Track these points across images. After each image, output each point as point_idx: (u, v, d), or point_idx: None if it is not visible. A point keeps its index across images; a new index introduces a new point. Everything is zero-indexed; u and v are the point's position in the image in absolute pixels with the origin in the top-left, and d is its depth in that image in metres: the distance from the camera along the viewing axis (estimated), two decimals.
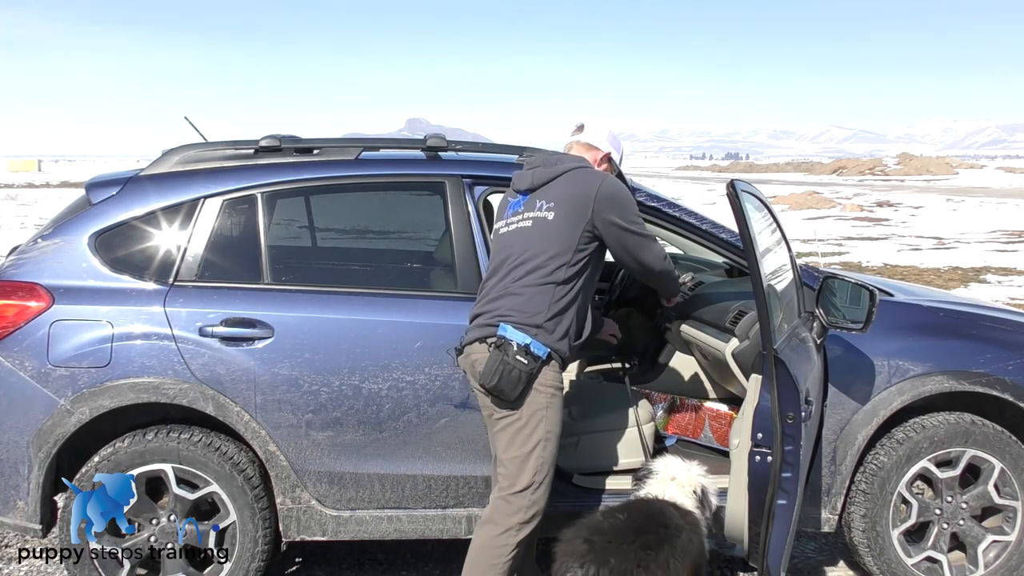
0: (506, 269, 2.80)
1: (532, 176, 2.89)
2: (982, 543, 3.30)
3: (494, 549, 2.73)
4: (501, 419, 2.76)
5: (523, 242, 2.80)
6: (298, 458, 3.09)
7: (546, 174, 2.87)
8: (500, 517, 2.74)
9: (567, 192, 2.81)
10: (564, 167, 2.87)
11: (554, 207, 2.79)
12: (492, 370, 2.67)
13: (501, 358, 2.67)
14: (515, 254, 2.80)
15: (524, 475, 2.72)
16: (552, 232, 2.77)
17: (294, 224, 3.63)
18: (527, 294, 2.74)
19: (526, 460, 2.73)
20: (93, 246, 3.11)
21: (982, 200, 30.02)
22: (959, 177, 53.08)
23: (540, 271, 2.75)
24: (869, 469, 3.26)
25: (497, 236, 2.95)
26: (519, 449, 2.73)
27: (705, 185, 45.31)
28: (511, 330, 2.70)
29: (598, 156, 3.00)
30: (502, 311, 2.75)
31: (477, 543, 2.79)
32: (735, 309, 3.50)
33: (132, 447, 3.04)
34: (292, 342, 3.04)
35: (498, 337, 2.71)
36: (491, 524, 2.75)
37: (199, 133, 3.65)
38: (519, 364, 2.66)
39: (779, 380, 2.59)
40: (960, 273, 12.25)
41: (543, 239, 2.77)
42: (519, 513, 2.73)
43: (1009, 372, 3.23)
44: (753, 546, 2.74)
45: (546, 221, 2.79)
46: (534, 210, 2.83)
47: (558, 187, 2.83)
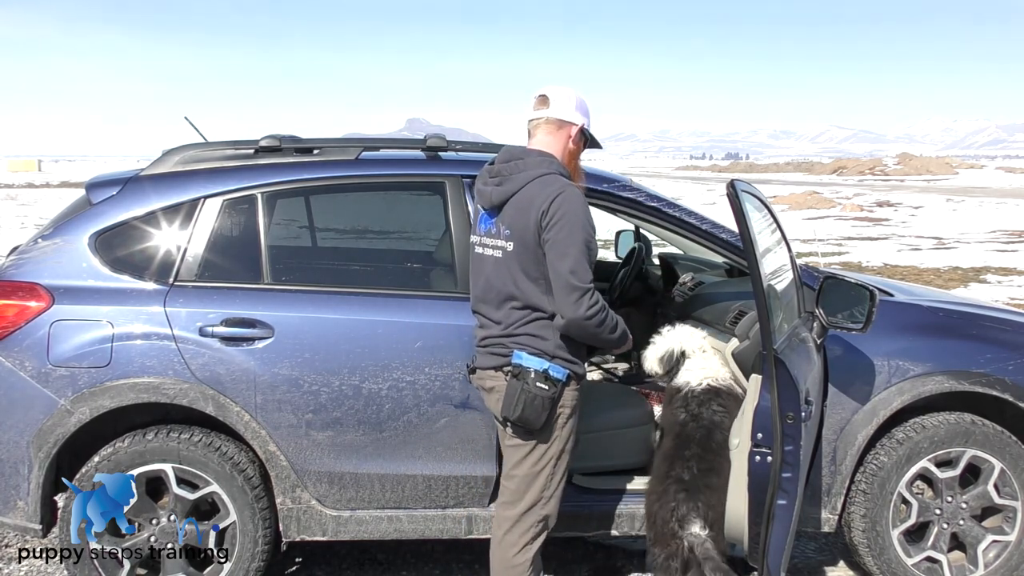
0: (497, 303, 2.69)
1: (491, 195, 2.67)
2: (982, 543, 3.30)
3: (517, 567, 2.71)
4: (514, 436, 2.70)
5: (500, 277, 2.66)
6: (298, 458, 3.09)
7: (503, 193, 2.63)
8: (512, 537, 2.72)
9: (519, 216, 2.59)
10: (519, 182, 2.61)
11: (510, 235, 2.62)
12: (514, 401, 2.57)
13: (521, 387, 2.57)
14: (497, 289, 2.67)
15: (531, 493, 2.69)
16: (517, 265, 2.61)
17: (294, 224, 3.63)
18: (530, 330, 2.64)
19: (535, 479, 2.69)
20: (93, 246, 3.11)
21: (982, 200, 30.03)
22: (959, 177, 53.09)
23: (528, 308, 2.63)
24: (869, 469, 3.26)
25: (474, 254, 2.79)
26: (530, 468, 2.69)
27: (705, 185, 45.32)
28: (526, 357, 2.61)
29: (572, 131, 2.71)
30: (509, 344, 2.66)
31: (499, 564, 2.75)
32: (735, 309, 3.50)
33: (132, 447, 3.04)
34: (292, 342, 3.04)
35: (514, 366, 2.61)
36: (505, 546, 2.72)
37: (199, 133, 3.65)
38: (540, 391, 2.57)
39: (779, 380, 2.58)
40: (960, 273, 12.26)
41: (513, 275, 2.62)
42: (532, 528, 2.72)
43: (1009, 372, 3.23)
44: (753, 546, 2.74)
45: (508, 253, 2.63)
46: (500, 237, 2.66)
47: (513, 209, 2.61)
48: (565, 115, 2.71)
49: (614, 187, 3.32)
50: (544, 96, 2.72)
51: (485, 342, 2.75)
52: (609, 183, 3.32)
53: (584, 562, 3.72)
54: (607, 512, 3.24)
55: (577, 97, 2.74)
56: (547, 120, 2.71)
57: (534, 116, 2.74)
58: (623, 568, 3.69)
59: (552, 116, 2.71)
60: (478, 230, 2.79)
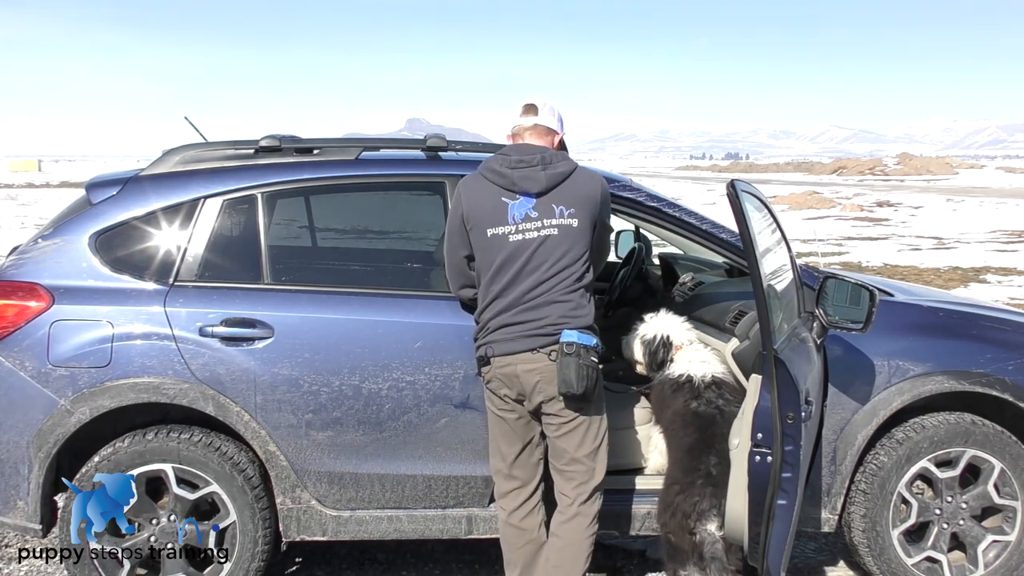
0: (541, 277, 2.77)
1: (542, 179, 2.79)
2: (982, 543, 3.30)
3: (587, 539, 2.89)
4: (569, 421, 2.81)
5: (556, 250, 2.78)
6: (298, 458, 3.09)
7: (555, 176, 2.80)
8: (588, 508, 2.89)
9: (581, 196, 2.82)
10: (567, 167, 2.83)
11: (575, 213, 2.80)
12: (578, 377, 2.68)
13: (578, 363, 2.68)
14: (550, 262, 2.77)
15: (600, 465, 2.89)
16: (581, 239, 2.81)
17: (294, 224, 3.63)
18: (573, 300, 2.78)
19: (599, 451, 2.88)
20: (93, 246, 3.11)
21: (982, 200, 30.03)
22: (959, 177, 53.10)
23: (576, 277, 2.80)
24: (869, 469, 3.26)
25: (503, 242, 2.78)
26: (592, 443, 2.86)
27: (705, 185, 45.32)
28: (576, 333, 2.72)
29: (555, 140, 2.94)
30: (554, 319, 2.75)
31: (568, 538, 2.88)
32: (735, 309, 3.50)
33: (132, 447, 3.04)
34: (292, 342, 3.04)
35: (565, 344, 2.71)
36: (581, 517, 2.88)
37: (199, 133, 3.65)
38: (593, 363, 2.72)
39: (779, 380, 2.59)
40: (960, 273, 12.26)
41: (575, 247, 2.79)
42: (599, 499, 2.92)
43: (1009, 372, 3.23)
44: (753, 546, 2.74)
45: (572, 228, 2.79)
46: (555, 216, 2.78)
47: (571, 190, 2.81)
48: (551, 124, 2.93)
49: (614, 187, 3.32)
50: (532, 105, 2.93)
51: (514, 323, 2.78)
52: (609, 183, 3.32)
53: None
54: (607, 512, 3.23)
55: (557, 109, 2.97)
56: (535, 126, 2.90)
57: (523, 122, 2.92)
58: (623, 568, 3.69)
59: (541, 123, 2.91)
60: (508, 220, 2.80)
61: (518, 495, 2.95)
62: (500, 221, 2.80)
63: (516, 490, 2.95)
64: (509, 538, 2.98)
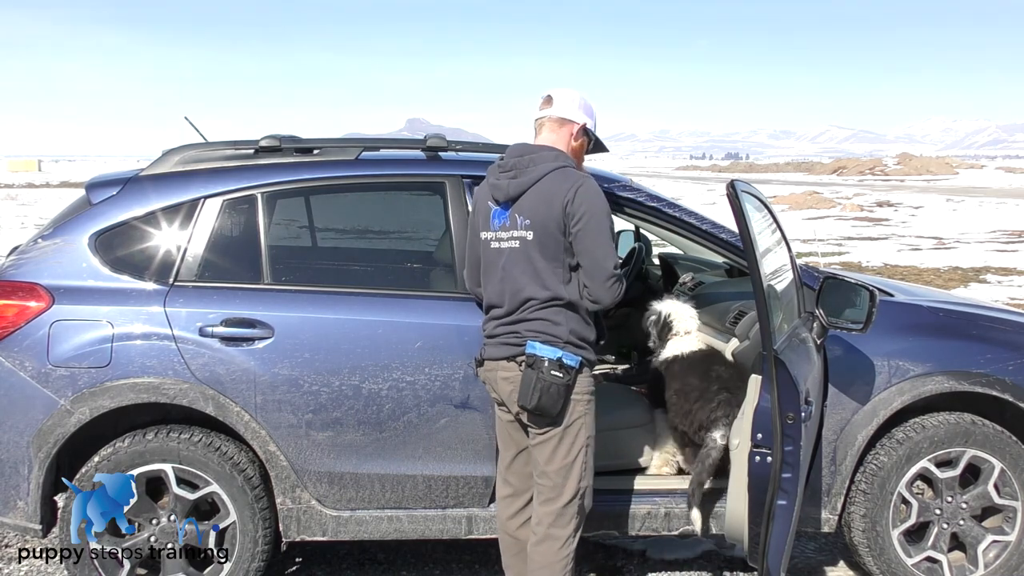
0: (511, 294, 2.71)
1: (508, 187, 2.72)
2: (982, 543, 3.30)
3: (560, 562, 2.74)
4: (541, 432, 2.72)
5: (517, 266, 2.70)
6: (298, 458, 3.09)
7: (520, 185, 2.69)
8: (557, 531, 2.74)
9: (537, 205, 2.66)
10: (536, 174, 2.68)
11: (531, 224, 2.67)
12: (531, 390, 2.62)
13: (536, 376, 2.61)
14: (513, 279, 2.71)
15: (570, 484, 2.73)
16: (538, 252, 2.67)
17: (294, 224, 3.63)
18: (544, 316, 2.68)
19: (570, 470, 2.72)
20: (93, 246, 3.11)
21: (982, 200, 30.03)
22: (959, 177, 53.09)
23: (544, 297, 2.67)
24: (869, 469, 3.26)
25: (487, 248, 2.79)
26: (563, 460, 2.72)
27: (705, 185, 45.33)
28: (540, 346, 2.65)
29: (573, 129, 2.80)
30: (522, 332, 2.69)
31: (542, 561, 2.75)
32: (735, 309, 3.50)
33: (132, 447, 3.04)
34: (292, 342, 3.04)
35: (528, 355, 2.65)
36: (552, 540, 2.74)
37: (199, 133, 3.65)
38: (555, 379, 2.62)
39: (779, 380, 2.59)
40: (960, 273, 12.26)
41: (532, 262, 2.67)
42: (572, 521, 2.76)
43: (1009, 372, 3.23)
44: (753, 546, 2.74)
45: (527, 241, 2.68)
46: (517, 228, 2.71)
47: (531, 199, 2.68)
48: (567, 113, 2.81)
49: (614, 187, 3.32)
50: (549, 96, 2.84)
51: (497, 332, 2.76)
52: (609, 183, 3.32)
53: (584, 562, 3.72)
54: (607, 512, 3.24)
55: (582, 98, 2.84)
56: (550, 118, 2.82)
57: (539, 115, 2.84)
58: (623, 568, 3.69)
59: (555, 114, 2.81)
60: (491, 226, 2.79)
61: (512, 503, 2.93)
62: (486, 226, 2.81)
63: (510, 497, 2.93)
64: (504, 544, 2.98)
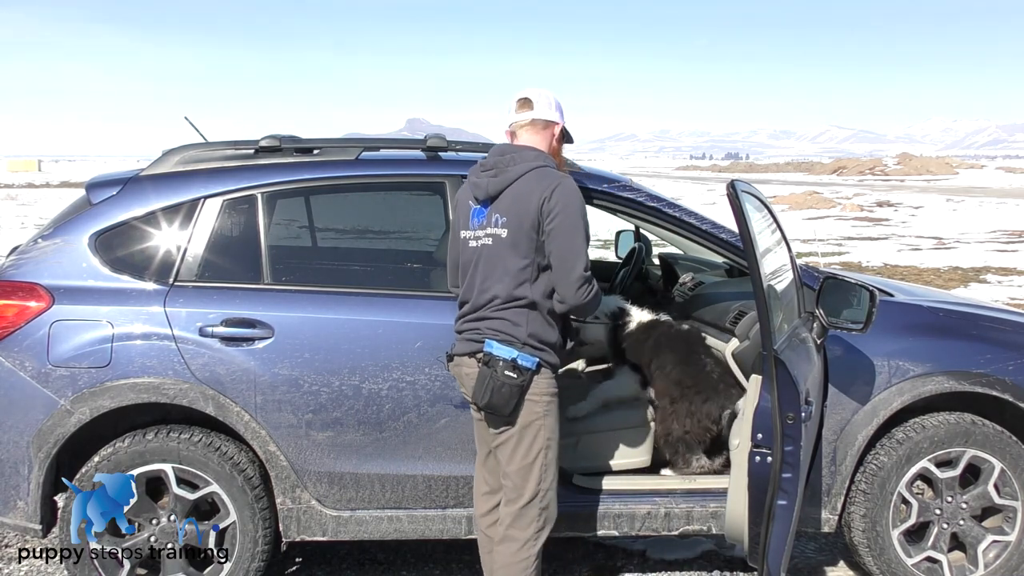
0: (479, 291, 2.73)
1: (487, 186, 2.72)
2: (982, 543, 3.30)
3: (518, 564, 2.74)
4: (500, 433, 2.74)
5: (487, 263, 2.71)
6: (298, 458, 3.09)
7: (499, 184, 2.70)
8: (516, 532, 2.74)
9: (513, 203, 2.66)
10: (515, 173, 2.69)
11: (507, 222, 2.67)
12: (483, 388, 2.64)
13: (490, 375, 2.63)
14: (482, 276, 2.72)
15: (529, 485, 2.73)
16: (510, 251, 2.66)
17: (294, 224, 3.63)
18: (505, 316, 2.68)
19: (529, 470, 2.72)
20: (93, 246, 3.11)
21: (982, 200, 30.03)
22: (959, 177, 53.08)
23: (506, 296, 2.67)
24: (869, 469, 3.26)
25: (465, 246, 2.80)
26: (522, 460, 2.72)
27: (705, 185, 45.32)
28: (497, 346, 2.65)
29: (555, 131, 2.82)
30: (484, 329, 2.71)
31: (501, 562, 2.77)
32: (735, 309, 3.50)
33: (132, 447, 3.04)
34: (292, 342, 3.04)
35: (484, 354, 2.67)
36: (509, 541, 2.75)
37: (199, 133, 3.65)
38: (508, 379, 2.62)
39: (779, 380, 2.59)
40: (960, 273, 12.25)
41: (506, 259, 2.67)
42: (533, 523, 2.75)
43: (1009, 372, 3.23)
44: (753, 546, 2.74)
45: (500, 239, 2.68)
46: (492, 225, 2.71)
47: (509, 197, 2.68)
48: (549, 116, 2.81)
49: (614, 187, 3.32)
50: (527, 99, 2.81)
51: (463, 328, 2.79)
52: (609, 183, 3.32)
53: (584, 562, 3.72)
54: (607, 512, 3.24)
55: (555, 98, 2.85)
56: (532, 121, 2.80)
57: (518, 118, 2.81)
58: (623, 568, 3.69)
59: (538, 117, 2.80)
60: (470, 225, 2.80)
61: (487, 500, 2.93)
62: (465, 225, 2.82)
63: (486, 495, 2.93)
64: (480, 541, 2.98)
